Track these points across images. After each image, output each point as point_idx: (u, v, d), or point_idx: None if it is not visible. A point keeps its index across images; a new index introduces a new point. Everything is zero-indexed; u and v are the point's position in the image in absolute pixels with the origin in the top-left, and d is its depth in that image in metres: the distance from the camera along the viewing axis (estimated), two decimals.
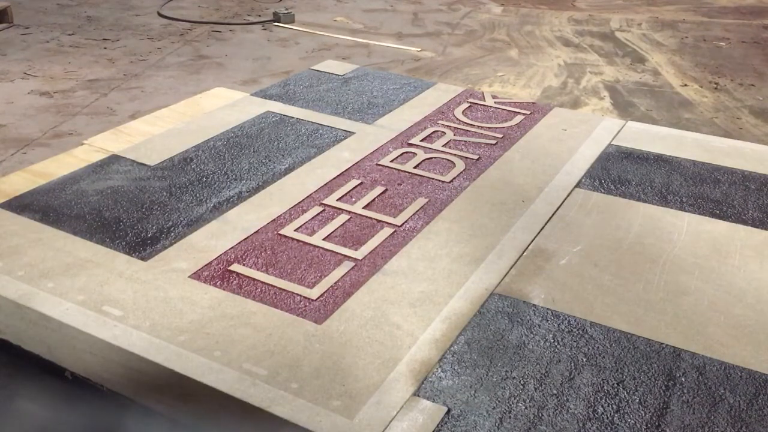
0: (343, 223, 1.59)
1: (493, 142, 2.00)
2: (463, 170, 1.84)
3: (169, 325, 1.26)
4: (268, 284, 1.38)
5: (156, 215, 1.60)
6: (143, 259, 1.44)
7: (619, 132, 2.08)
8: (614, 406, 1.13)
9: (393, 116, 2.15)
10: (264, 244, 1.51)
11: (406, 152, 1.92)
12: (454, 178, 1.80)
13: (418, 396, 1.13)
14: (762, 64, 4.81)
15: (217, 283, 1.38)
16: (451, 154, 1.92)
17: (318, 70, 2.50)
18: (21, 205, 1.62)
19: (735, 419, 1.11)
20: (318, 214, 1.62)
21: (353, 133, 2.02)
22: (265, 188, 1.72)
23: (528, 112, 2.21)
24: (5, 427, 1.36)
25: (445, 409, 1.11)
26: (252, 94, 2.28)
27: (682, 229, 1.62)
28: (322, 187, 1.74)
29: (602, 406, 1.13)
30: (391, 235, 1.55)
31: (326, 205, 1.66)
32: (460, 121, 2.14)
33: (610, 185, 1.79)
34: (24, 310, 1.30)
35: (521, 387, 1.16)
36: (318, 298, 1.34)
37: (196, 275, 1.40)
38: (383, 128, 2.06)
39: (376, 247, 1.50)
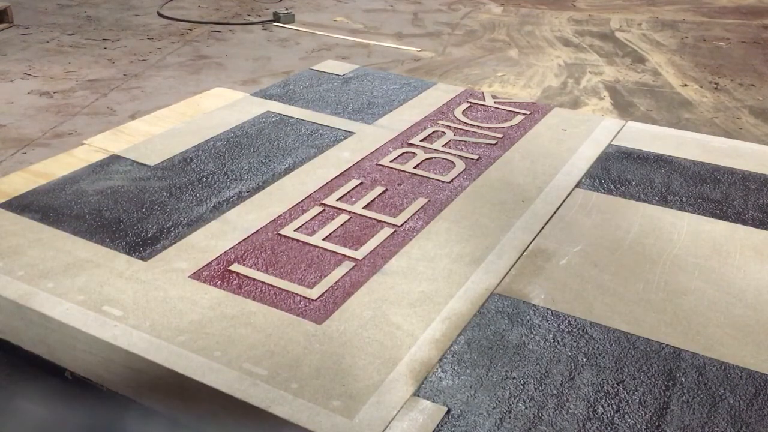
0: (343, 223, 1.59)
1: (493, 142, 2.00)
2: (463, 170, 1.84)
3: (169, 325, 1.26)
4: (268, 284, 1.38)
5: (156, 215, 1.60)
6: (143, 259, 1.44)
7: (619, 132, 2.08)
8: (614, 406, 1.13)
9: (393, 116, 2.15)
10: (264, 244, 1.51)
11: (406, 152, 1.92)
12: (454, 178, 1.79)
13: (418, 396, 1.13)
14: (762, 64, 4.81)
15: (217, 283, 1.38)
16: (451, 154, 1.92)
17: (318, 70, 2.50)
18: (21, 205, 1.62)
19: (735, 419, 1.11)
20: (318, 214, 1.62)
21: (353, 133, 2.02)
22: (265, 188, 1.72)
23: (528, 112, 2.21)
24: (5, 427, 1.36)
25: (445, 409, 1.11)
26: (252, 94, 2.28)
27: (682, 229, 1.62)
28: (322, 187, 1.74)
29: (602, 406, 1.13)
30: (391, 235, 1.55)
31: (326, 205, 1.66)
32: (460, 121, 2.14)
33: (610, 185, 1.79)
34: (24, 310, 1.30)
35: (521, 387, 1.16)
36: (318, 298, 1.34)
37: (196, 275, 1.40)
38: (383, 128, 2.06)
39: (376, 247, 1.50)
